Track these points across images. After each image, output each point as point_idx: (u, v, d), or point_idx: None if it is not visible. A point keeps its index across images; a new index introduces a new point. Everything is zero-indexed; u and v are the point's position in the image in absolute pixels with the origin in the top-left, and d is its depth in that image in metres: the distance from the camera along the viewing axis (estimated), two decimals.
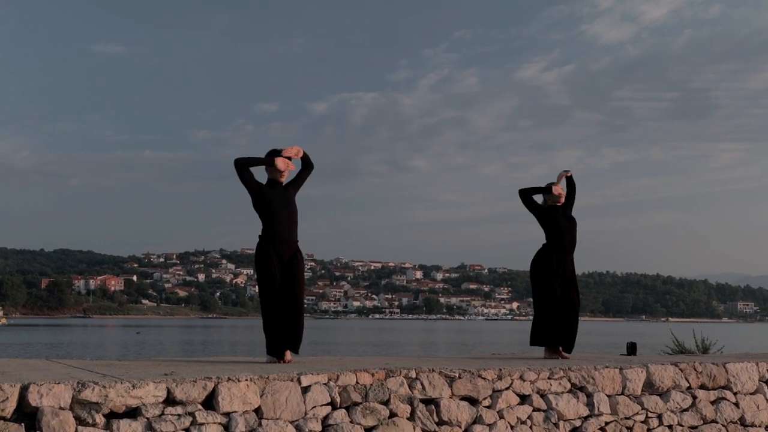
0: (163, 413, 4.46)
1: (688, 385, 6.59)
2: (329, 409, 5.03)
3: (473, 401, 5.60)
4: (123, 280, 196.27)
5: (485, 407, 5.60)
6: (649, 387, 6.39)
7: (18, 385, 4.19)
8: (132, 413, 4.42)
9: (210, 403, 4.66)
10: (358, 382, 5.21)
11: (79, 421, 4.25)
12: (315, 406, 4.98)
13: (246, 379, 4.80)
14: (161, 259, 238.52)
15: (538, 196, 7.72)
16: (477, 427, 5.47)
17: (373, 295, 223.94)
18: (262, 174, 6.45)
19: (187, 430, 4.49)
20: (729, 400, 6.71)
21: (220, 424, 4.61)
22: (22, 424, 4.10)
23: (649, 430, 6.18)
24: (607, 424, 6.01)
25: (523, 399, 5.81)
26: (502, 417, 5.61)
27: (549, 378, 5.99)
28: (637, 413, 6.19)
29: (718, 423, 6.52)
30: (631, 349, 8.42)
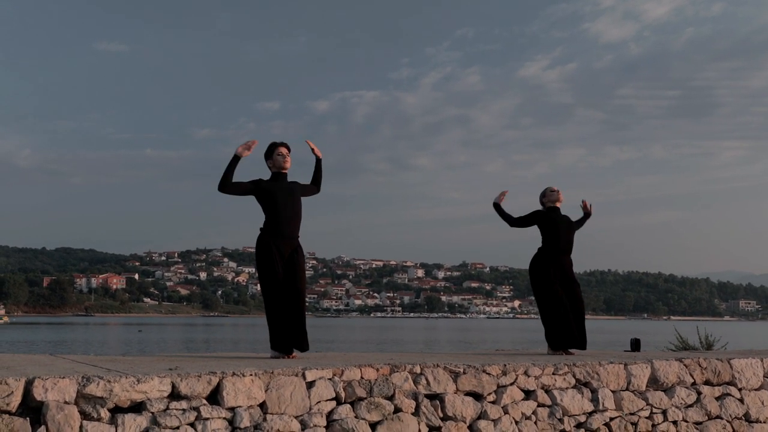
0: (167, 408, 4.46)
1: (693, 381, 6.58)
2: (334, 404, 5.02)
3: (478, 396, 5.59)
4: (125, 278, 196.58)
5: (490, 402, 5.59)
6: (653, 383, 6.38)
7: (23, 379, 4.19)
8: (137, 408, 4.42)
9: (215, 397, 4.65)
10: (362, 378, 5.20)
11: (84, 415, 4.24)
12: (320, 401, 4.97)
13: (251, 374, 4.79)
14: (163, 258, 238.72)
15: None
16: (482, 423, 5.46)
17: (375, 294, 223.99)
18: (263, 172, 6.43)
19: (192, 425, 4.48)
20: (734, 396, 6.69)
21: (224, 418, 4.60)
22: (27, 419, 4.10)
23: (653, 425, 6.17)
24: (611, 419, 6.00)
25: (528, 394, 5.80)
26: (506, 412, 5.61)
27: (553, 374, 5.97)
28: (641, 409, 6.17)
29: (722, 419, 6.51)
30: (635, 345, 8.39)
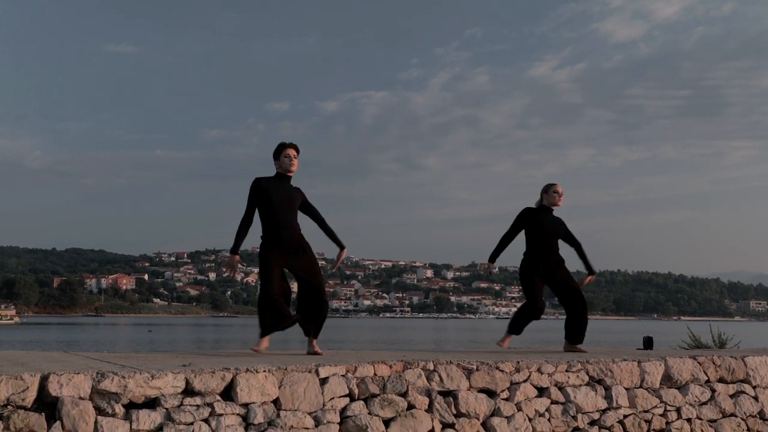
0: (182, 404, 4.46)
1: (707, 378, 6.55)
2: (347, 400, 5.02)
3: (491, 393, 5.57)
4: (134, 279, 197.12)
5: (503, 399, 5.57)
6: (667, 380, 6.35)
7: (38, 375, 4.20)
8: (151, 404, 4.42)
9: (228, 394, 4.66)
10: (376, 374, 5.20)
11: (99, 411, 4.25)
12: (333, 398, 4.96)
13: (264, 371, 4.79)
14: (172, 258, 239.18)
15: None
16: (495, 419, 5.44)
17: (384, 294, 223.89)
18: (265, 170, 6.30)
19: (206, 421, 4.48)
20: (748, 394, 6.65)
21: (238, 414, 4.60)
22: (43, 414, 4.11)
23: (668, 423, 6.13)
24: (625, 417, 5.97)
25: (541, 391, 5.78)
26: (520, 409, 5.59)
27: (567, 371, 5.95)
28: (655, 406, 6.14)
29: (737, 417, 6.47)
30: (648, 343, 8.35)
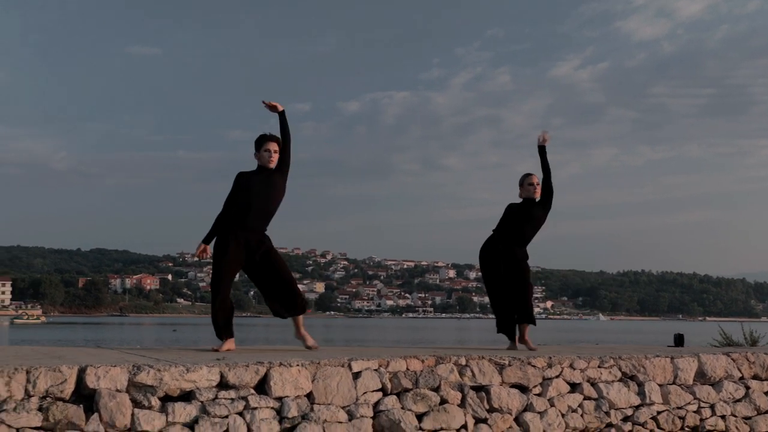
0: (216, 397, 4.49)
1: (741, 375, 6.48)
2: (380, 395, 5.02)
3: (523, 389, 5.55)
4: (158, 279, 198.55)
5: (536, 395, 5.55)
6: (700, 377, 6.29)
7: (75, 367, 4.24)
8: (186, 396, 4.45)
9: (262, 387, 4.68)
10: (408, 369, 5.19)
11: (135, 403, 4.29)
12: (366, 392, 4.96)
13: (297, 365, 4.80)
14: (196, 259, 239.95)
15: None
16: (528, 415, 5.42)
17: (407, 294, 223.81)
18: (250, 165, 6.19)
19: (241, 414, 4.51)
20: None
21: (272, 408, 4.62)
22: (81, 406, 4.15)
23: (702, 420, 6.08)
24: (659, 413, 5.92)
25: (574, 387, 5.75)
26: (552, 405, 5.56)
27: (599, 367, 5.91)
28: (689, 403, 6.09)
29: None
30: (679, 340, 8.27)
